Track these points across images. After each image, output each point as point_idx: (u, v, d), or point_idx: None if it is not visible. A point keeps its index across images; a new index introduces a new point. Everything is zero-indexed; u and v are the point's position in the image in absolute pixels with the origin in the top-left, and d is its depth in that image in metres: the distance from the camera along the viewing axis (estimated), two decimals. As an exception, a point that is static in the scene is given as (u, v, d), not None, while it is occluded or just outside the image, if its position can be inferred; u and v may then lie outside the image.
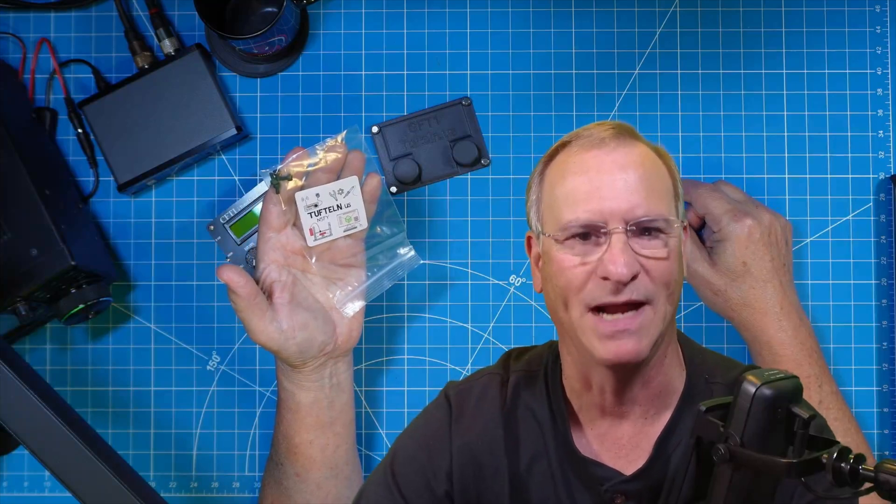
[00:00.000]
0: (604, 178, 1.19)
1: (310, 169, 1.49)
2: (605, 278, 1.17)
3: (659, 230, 1.19)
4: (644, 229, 1.19)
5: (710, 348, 1.38)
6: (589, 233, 1.19)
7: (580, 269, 1.19)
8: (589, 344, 1.19)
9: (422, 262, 1.63)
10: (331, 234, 1.50)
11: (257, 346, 1.66)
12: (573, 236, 1.19)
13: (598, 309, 1.19)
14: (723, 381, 1.26)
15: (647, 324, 1.18)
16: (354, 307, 1.53)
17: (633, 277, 1.17)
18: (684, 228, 1.25)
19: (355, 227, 1.51)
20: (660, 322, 1.19)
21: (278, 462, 1.55)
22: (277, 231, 1.50)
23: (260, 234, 1.51)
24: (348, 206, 1.50)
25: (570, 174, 1.21)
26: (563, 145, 1.24)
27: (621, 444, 1.26)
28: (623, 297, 1.17)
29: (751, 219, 1.55)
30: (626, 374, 1.21)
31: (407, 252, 1.58)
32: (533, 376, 1.31)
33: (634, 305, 1.18)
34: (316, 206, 1.49)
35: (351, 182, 1.50)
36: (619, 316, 1.18)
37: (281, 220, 1.49)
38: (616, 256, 1.17)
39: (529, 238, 1.30)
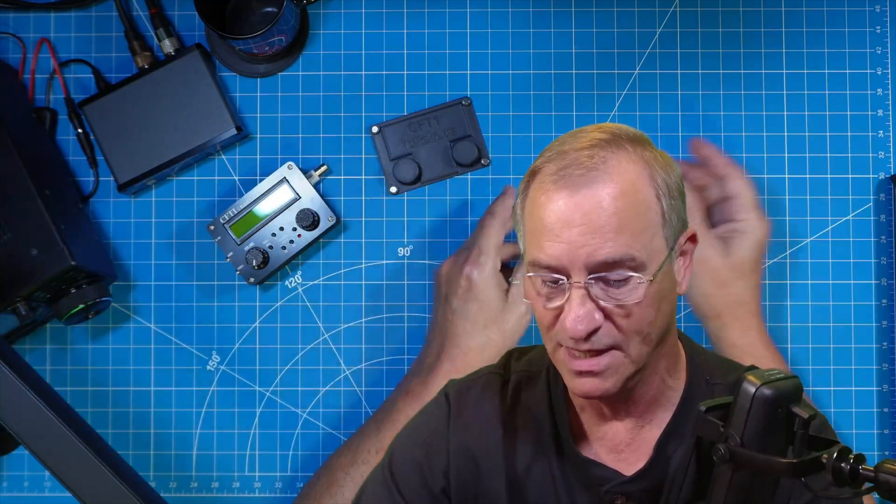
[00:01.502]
0: (563, 226, 1.13)
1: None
2: None
3: (627, 278, 1.13)
4: (611, 279, 1.13)
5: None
6: (554, 279, 1.15)
7: (547, 311, 1.16)
8: (563, 375, 1.20)
9: (424, 262, 1.64)
10: None
11: (258, 346, 1.67)
12: (540, 278, 1.16)
13: None
14: (724, 383, 1.26)
15: (616, 365, 1.16)
16: None
17: (595, 331, 1.14)
18: (692, 237, 1.21)
19: None
20: (631, 364, 1.16)
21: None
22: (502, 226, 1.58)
23: (486, 224, 1.58)
24: None
25: (538, 209, 1.15)
26: (546, 161, 1.17)
27: (621, 445, 1.25)
28: (584, 347, 1.15)
29: (768, 220, 1.56)
30: (609, 398, 1.20)
31: None
32: (534, 377, 1.31)
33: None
34: None
35: None
36: (584, 357, 1.16)
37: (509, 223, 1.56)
38: (572, 312, 1.13)
39: None
